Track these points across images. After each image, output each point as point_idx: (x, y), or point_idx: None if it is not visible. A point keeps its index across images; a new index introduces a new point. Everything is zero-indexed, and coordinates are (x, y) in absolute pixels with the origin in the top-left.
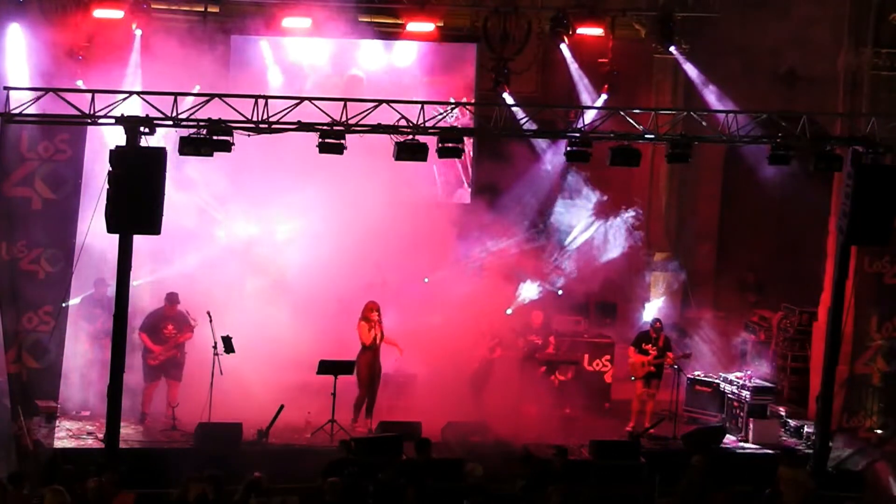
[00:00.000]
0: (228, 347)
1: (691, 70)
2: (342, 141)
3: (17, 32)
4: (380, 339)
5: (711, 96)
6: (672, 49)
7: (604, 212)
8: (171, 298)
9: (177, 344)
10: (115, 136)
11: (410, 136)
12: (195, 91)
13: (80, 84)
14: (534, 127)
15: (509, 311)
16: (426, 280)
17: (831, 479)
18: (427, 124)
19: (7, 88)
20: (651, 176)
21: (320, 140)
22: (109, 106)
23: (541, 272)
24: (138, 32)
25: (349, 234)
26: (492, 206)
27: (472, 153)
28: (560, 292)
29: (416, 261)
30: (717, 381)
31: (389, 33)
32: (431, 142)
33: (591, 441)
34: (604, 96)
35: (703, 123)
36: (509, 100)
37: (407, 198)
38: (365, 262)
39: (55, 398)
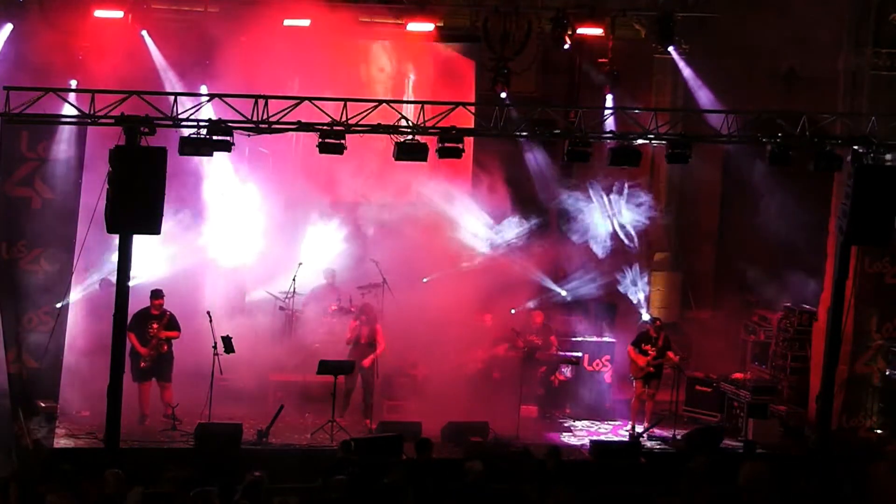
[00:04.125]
0: (228, 347)
1: (686, 70)
2: (342, 141)
3: (17, 32)
4: (366, 339)
5: (708, 97)
6: (671, 49)
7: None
8: (155, 295)
9: (159, 341)
10: None
11: (410, 136)
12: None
13: (74, 84)
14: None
15: (514, 311)
16: (425, 280)
17: (830, 479)
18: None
19: (7, 88)
20: (651, 176)
21: (320, 140)
22: (108, 106)
23: (546, 271)
24: (144, 33)
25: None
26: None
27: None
28: (565, 293)
29: (416, 260)
30: (716, 381)
31: (389, 33)
32: (431, 142)
33: (591, 441)
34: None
35: (705, 123)
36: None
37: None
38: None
39: (55, 398)
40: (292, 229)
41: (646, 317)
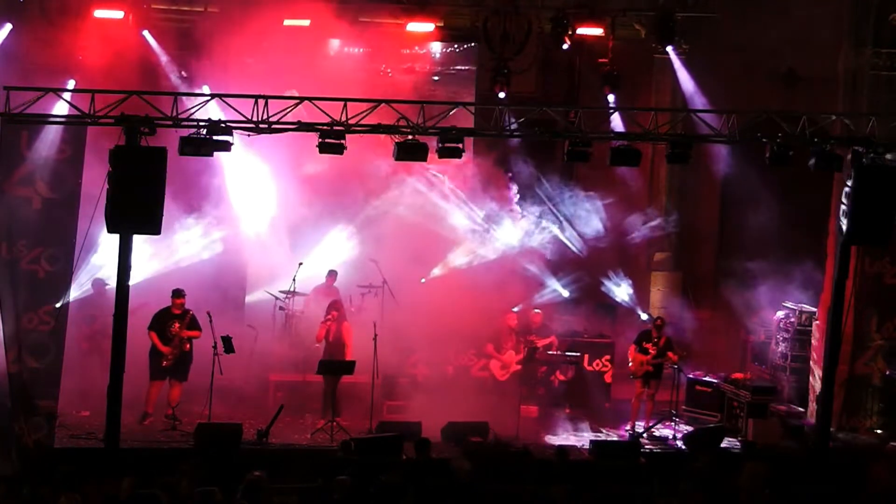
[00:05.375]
0: (228, 347)
1: (682, 72)
2: (342, 141)
3: (17, 32)
4: (334, 336)
5: (706, 97)
6: (670, 50)
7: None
8: (177, 295)
9: (182, 340)
10: None
11: (410, 136)
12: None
13: (73, 83)
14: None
15: (515, 310)
16: (423, 280)
17: (830, 479)
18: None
19: (7, 88)
20: (651, 176)
21: (320, 140)
22: (108, 106)
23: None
24: (145, 33)
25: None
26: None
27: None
28: (568, 293)
29: (416, 260)
30: (716, 381)
31: (389, 33)
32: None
33: (591, 441)
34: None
35: (703, 123)
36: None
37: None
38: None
39: (55, 398)
40: (293, 229)
41: (644, 316)
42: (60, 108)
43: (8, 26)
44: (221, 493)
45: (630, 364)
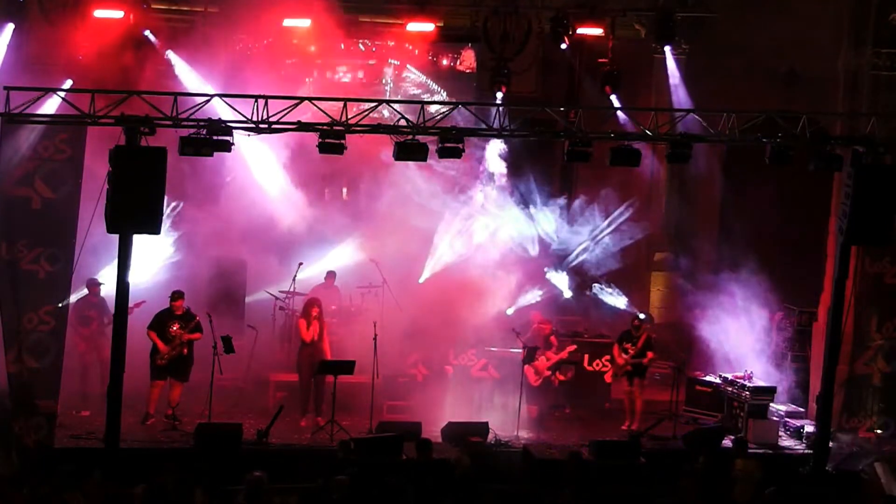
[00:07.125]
0: (228, 347)
1: (675, 72)
2: (342, 141)
3: (17, 32)
4: (318, 336)
5: (701, 96)
6: (667, 50)
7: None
8: (175, 297)
9: (182, 342)
10: None
11: (410, 136)
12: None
13: (73, 83)
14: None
15: (510, 312)
16: (420, 281)
17: (830, 479)
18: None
19: (7, 88)
20: (651, 176)
21: (320, 140)
22: (108, 106)
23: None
24: (147, 32)
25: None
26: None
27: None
28: (569, 294)
29: (416, 260)
30: (716, 381)
31: (389, 33)
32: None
33: (591, 441)
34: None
35: (703, 123)
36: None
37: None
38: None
39: (55, 398)
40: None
41: (642, 316)
42: (60, 107)
43: (10, 27)
44: (204, 493)
45: (612, 362)
